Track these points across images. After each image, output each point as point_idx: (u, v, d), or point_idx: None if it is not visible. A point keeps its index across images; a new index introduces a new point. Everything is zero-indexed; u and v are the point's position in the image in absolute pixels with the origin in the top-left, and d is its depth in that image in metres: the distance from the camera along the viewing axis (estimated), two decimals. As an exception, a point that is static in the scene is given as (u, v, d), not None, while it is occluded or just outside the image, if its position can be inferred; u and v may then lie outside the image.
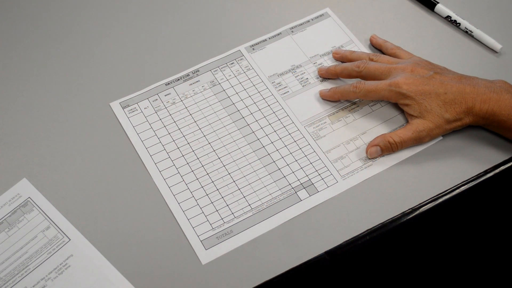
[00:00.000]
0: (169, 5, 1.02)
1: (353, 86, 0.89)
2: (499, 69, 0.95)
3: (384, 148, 0.87)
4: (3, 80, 0.95)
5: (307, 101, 0.93)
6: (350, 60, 0.94)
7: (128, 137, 0.90)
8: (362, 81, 0.89)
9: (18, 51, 0.98)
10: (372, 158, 0.88)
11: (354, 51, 0.95)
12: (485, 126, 0.88)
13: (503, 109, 0.84)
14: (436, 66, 0.90)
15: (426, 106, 0.85)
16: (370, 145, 0.88)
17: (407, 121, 0.89)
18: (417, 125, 0.86)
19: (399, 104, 0.88)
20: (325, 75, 0.94)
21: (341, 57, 0.95)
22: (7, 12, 1.01)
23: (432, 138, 0.87)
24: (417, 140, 0.87)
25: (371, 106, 0.92)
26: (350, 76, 0.92)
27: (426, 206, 0.84)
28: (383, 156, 0.88)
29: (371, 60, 0.92)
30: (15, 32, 0.99)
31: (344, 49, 0.97)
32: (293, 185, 0.87)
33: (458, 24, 0.99)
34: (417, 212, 0.84)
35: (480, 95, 0.84)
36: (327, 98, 0.92)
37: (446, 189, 0.85)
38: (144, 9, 1.02)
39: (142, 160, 0.88)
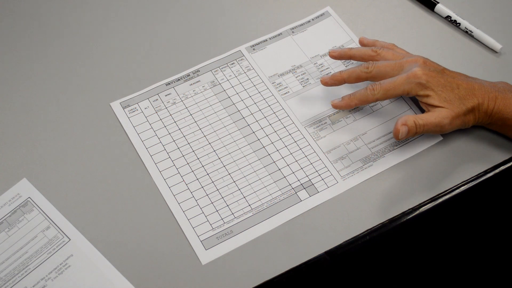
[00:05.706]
0: (169, 5, 1.02)
1: (370, 89, 0.86)
2: (499, 69, 0.95)
3: (410, 127, 0.84)
4: (3, 80, 0.95)
5: (308, 102, 0.93)
6: (350, 57, 0.91)
7: (128, 137, 0.90)
8: (377, 82, 0.86)
9: (18, 51, 0.98)
10: (401, 139, 0.85)
11: (351, 48, 0.92)
12: (488, 125, 0.87)
13: (508, 107, 0.84)
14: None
15: (445, 97, 0.84)
16: (400, 124, 0.84)
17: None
18: (440, 112, 0.84)
19: (418, 97, 0.86)
20: (330, 83, 0.90)
21: (339, 55, 0.92)
22: (7, 12, 1.01)
23: (452, 127, 0.85)
24: (439, 126, 0.84)
25: (372, 106, 0.92)
26: (358, 79, 0.89)
27: (426, 206, 0.84)
28: (408, 140, 0.88)
29: (375, 53, 0.89)
30: (15, 32, 0.99)
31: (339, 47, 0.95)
32: (293, 186, 0.87)
33: (458, 24, 0.98)
34: (417, 212, 0.84)
35: (487, 93, 0.85)
36: (343, 107, 0.89)
37: (446, 189, 0.85)
38: (144, 8, 1.02)
39: (143, 160, 0.88)
